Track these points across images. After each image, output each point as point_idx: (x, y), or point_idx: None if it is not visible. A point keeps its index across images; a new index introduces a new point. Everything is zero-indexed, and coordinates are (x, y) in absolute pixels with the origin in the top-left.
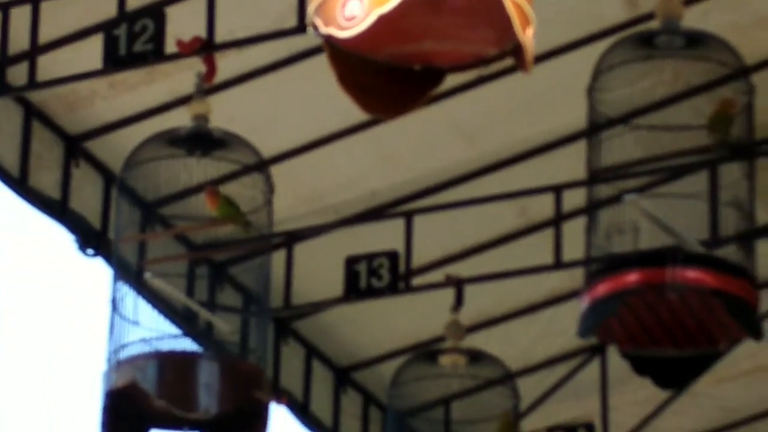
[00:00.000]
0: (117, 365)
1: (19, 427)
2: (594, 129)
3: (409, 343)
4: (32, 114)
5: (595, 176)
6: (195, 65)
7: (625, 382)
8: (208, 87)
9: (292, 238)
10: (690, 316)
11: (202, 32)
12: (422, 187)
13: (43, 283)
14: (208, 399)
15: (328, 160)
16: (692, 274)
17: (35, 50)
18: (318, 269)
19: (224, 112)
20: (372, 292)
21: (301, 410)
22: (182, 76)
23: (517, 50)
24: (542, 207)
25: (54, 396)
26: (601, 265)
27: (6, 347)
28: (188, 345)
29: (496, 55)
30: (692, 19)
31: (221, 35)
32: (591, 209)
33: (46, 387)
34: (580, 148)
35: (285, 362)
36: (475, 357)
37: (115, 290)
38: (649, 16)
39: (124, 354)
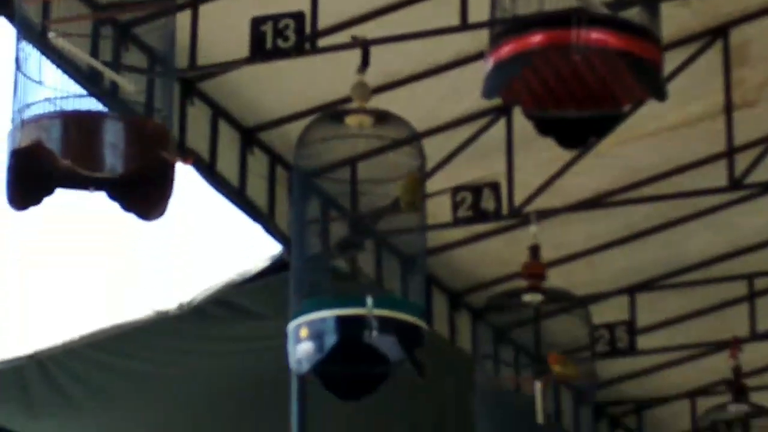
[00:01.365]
0: (21, 125)
1: None
2: None
3: (316, 104)
4: None
5: None
6: None
7: (530, 142)
8: None
9: None
10: (594, 77)
11: None
12: None
13: None
14: (113, 158)
15: None
16: (597, 35)
17: None
18: (224, 30)
19: None
20: (278, 53)
21: (207, 170)
22: None
23: None
24: None
25: None
26: (505, 26)
27: None
28: (93, 105)
29: None
30: None
31: None
32: None
33: None
34: None
35: (191, 123)
36: (381, 117)
37: (18, 50)
38: None
39: (28, 114)
